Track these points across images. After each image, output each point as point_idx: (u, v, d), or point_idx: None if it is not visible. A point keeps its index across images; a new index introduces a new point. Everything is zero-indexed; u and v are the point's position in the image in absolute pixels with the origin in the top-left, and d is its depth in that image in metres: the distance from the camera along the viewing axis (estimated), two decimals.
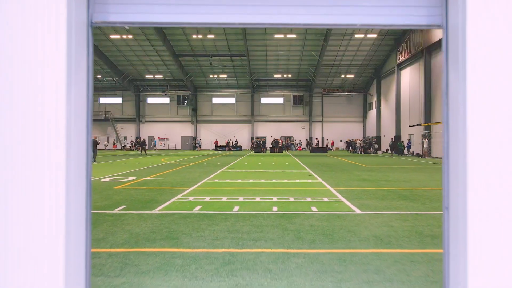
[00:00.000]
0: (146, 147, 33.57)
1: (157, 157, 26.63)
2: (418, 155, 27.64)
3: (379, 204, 7.49)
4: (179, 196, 8.41)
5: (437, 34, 25.68)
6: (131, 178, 12.38)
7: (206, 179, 11.93)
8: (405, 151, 30.89)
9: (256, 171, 15.21)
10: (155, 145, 46.01)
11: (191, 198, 8.14)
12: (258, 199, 8.08)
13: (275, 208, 6.97)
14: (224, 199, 8.08)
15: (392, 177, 12.87)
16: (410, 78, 31.65)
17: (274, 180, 11.68)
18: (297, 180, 11.70)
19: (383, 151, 37.59)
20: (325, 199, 8.05)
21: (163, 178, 12.42)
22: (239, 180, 11.67)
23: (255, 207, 7.09)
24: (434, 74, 27.17)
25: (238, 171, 15.24)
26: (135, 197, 8.27)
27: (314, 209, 6.93)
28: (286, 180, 11.68)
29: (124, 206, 7.18)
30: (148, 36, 34.49)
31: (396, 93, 34.61)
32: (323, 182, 11.15)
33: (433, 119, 27.23)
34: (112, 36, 34.15)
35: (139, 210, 6.79)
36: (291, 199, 8.08)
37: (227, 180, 11.67)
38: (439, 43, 25.94)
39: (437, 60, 26.72)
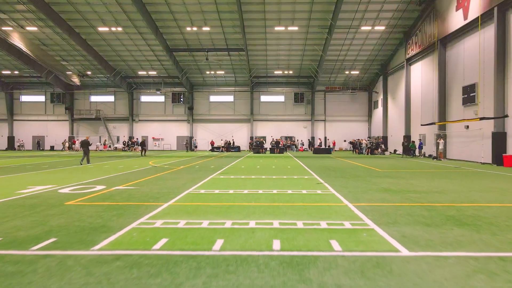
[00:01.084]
0: (147, 148, 30.99)
1: (146, 159, 24.30)
2: (433, 157, 25.20)
3: (427, 234, 5.15)
4: (143, 219, 6.07)
5: (453, 25, 23.35)
6: (98, 187, 10.05)
7: (191, 189, 9.60)
8: (416, 152, 28.52)
9: (253, 177, 12.88)
10: (138, 145, 42.70)
11: (158, 223, 5.80)
12: (252, 224, 5.75)
13: (276, 245, 4.63)
14: (205, 224, 5.75)
15: (419, 186, 10.52)
16: (422, 73, 29.28)
17: (274, 191, 9.34)
18: (304, 191, 9.36)
19: (391, 152, 35.24)
20: (347, 225, 5.71)
21: (138, 187, 10.09)
22: (231, 191, 9.33)
23: (247, 242, 4.75)
24: (450, 67, 24.82)
25: (232, 177, 12.91)
26: (81, 221, 5.93)
27: (335, 245, 4.59)
28: (289, 191, 9.35)
29: (52, 240, 4.83)
30: (139, 29, 32.18)
31: (405, 90, 32.25)
32: (337, 194, 8.81)
33: (449, 117, 24.89)
34: (100, 29, 31.82)
35: (69, 249, 4.45)
36: (299, 224, 5.75)
37: (216, 191, 9.33)
38: (454, 34, 23.64)
39: (453, 52, 24.37)
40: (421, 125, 27.91)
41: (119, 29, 31.77)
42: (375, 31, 32.46)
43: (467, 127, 22.60)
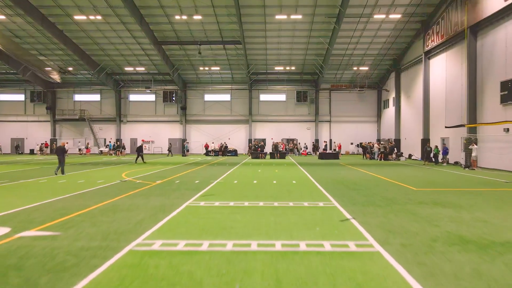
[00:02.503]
0: (143, 153, 26.76)
1: (122, 169, 20.51)
2: (464, 166, 21.21)
3: None
4: None
5: (488, 8, 19.56)
6: None
7: (141, 239, 5.80)
8: (439, 158, 24.66)
9: (246, 204, 9.09)
10: (110, 149, 38.72)
11: None
12: None
13: None
14: None
15: (503, 226, 6.70)
16: (446, 67, 25.43)
17: (278, 245, 5.51)
18: (327, 245, 5.54)
19: (406, 158, 31.43)
20: None
21: (61, 233, 6.29)
22: (206, 245, 5.51)
23: None
24: (484, 59, 21.01)
25: (217, 204, 9.13)
26: None
27: None
28: (303, 245, 5.52)
29: None
30: (121, 17, 28.40)
31: (423, 87, 28.46)
32: (385, 255, 4.99)
33: (482, 118, 21.09)
34: (77, 17, 28.03)
35: None
36: None
37: (181, 245, 5.52)
38: (490, 19, 19.87)
39: (487, 41, 20.57)
40: (446, 127, 24.12)
41: (98, 17, 27.96)
42: (389, 20, 28.68)
43: (507, 130, 18.81)
